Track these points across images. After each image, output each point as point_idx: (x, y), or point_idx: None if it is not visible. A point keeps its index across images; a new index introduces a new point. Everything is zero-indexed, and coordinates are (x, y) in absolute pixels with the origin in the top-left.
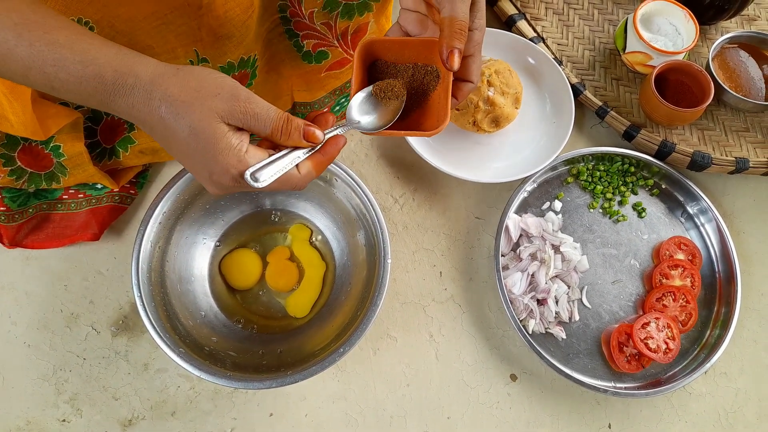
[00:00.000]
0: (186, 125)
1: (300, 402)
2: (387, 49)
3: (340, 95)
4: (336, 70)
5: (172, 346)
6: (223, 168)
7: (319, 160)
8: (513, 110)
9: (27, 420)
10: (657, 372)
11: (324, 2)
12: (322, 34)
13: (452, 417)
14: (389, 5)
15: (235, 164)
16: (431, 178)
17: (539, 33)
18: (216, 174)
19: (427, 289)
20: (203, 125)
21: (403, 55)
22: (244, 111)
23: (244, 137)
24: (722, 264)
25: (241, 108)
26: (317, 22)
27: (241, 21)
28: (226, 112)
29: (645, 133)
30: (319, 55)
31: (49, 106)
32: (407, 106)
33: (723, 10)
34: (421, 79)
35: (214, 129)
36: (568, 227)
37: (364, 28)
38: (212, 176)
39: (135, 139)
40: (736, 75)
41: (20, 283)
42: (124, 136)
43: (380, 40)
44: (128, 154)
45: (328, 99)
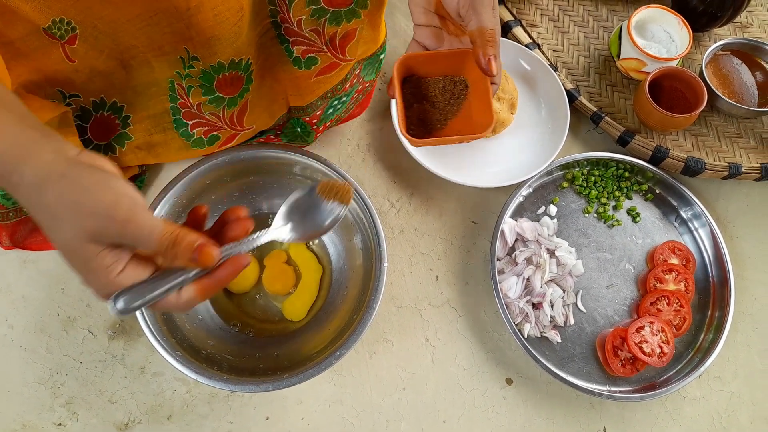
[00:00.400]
0: (61, 239)
1: (296, 406)
2: (420, 63)
3: (332, 97)
4: (326, 74)
5: (169, 350)
6: (98, 285)
7: (207, 285)
8: (509, 115)
9: (23, 423)
10: (651, 376)
11: (312, 10)
12: (311, 40)
13: (448, 421)
14: (379, 14)
15: (104, 286)
16: (427, 182)
17: (535, 39)
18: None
19: (423, 293)
20: (74, 245)
21: (433, 68)
22: (122, 233)
23: (122, 256)
24: (716, 268)
25: (117, 229)
26: (305, 29)
27: (231, 24)
28: (101, 233)
29: (639, 138)
30: (308, 61)
31: (33, 100)
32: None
33: (716, 17)
34: (452, 89)
35: (84, 250)
36: (563, 232)
37: (352, 33)
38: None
39: (131, 135)
40: (729, 81)
41: (17, 286)
42: (120, 133)
43: (414, 55)
44: (124, 150)
45: (321, 102)
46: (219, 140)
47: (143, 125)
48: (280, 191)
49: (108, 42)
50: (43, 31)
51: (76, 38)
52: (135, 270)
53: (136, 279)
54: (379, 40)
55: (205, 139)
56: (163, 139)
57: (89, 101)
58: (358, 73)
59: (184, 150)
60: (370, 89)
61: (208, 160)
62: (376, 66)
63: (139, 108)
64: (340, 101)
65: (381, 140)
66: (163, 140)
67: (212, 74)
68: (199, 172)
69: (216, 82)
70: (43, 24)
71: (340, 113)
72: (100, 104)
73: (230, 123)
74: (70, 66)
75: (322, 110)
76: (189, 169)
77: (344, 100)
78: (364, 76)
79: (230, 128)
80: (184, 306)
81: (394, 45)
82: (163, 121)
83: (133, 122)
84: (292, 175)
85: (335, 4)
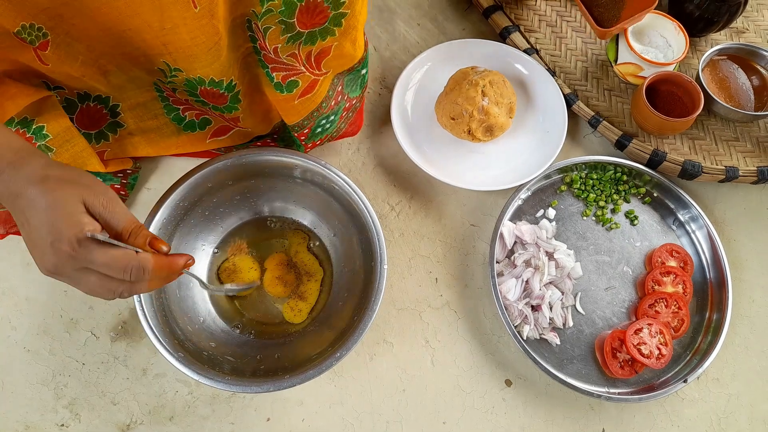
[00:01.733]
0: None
1: (297, 407)
2: None
3: (318, 117)
4: (308, 94)
5: (171, 351)
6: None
7: (162, 258)
8: (507, 120)
9: (26, 425)
10: (650, 377)
11: (287, 38)
12: (289, 65)
13: (448, 422)
14: (355, 32)
15: (77, 232)
16: (427, 186)
17: (533, 44)
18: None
19: (423, 296)
20: (65, 201)
21: None
22: (106, 206)
23: (96, 223)
24: (713, 271)
25: (104, 203)
26: (282, 56)
27: (208, 47)
28: (90, 201)
29: (637, 142)
30: (289, 85)
31: (10, 85)
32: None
33: (712, 22)
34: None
35: (73, 206)
36: (561, 234)
37: (327, 50)
38: (53, 245)
39: (123, 123)
40: (726, 86)
41: (20, 289)
42: (110, 122)
43: None
44: (117, 137)
45: (307, 121)
46: (211, 124)
47: (134, 113)
48: (280, 195)
49: (82, 49)
50: (13, 35)
51: (48, 44)
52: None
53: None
54: (356, 56)
55: (196, 122)
56: (156, 124)
57: (74, 93)
58: (341, 90)
59: (176, 136)
60: (358, 106)
61: (210, 164)
62: (359, 81)
63: (125, 98)
64: (329, 120)
65: (381, 144)
66: (155, 126)
67: (195, 84)
68: (202, 176)
69: (199, 91)
70: (11, 28)
71: (330, 132)
72: (85, 96)
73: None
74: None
75: (309, 129)
76: (191, 173)
77: (332, 119)
78: (349, 93)
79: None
80: (137, 263)
81: (394, 50)
82: (154, 107)
83: (123, 110)
84: (293, 179)
85: (309, 26)
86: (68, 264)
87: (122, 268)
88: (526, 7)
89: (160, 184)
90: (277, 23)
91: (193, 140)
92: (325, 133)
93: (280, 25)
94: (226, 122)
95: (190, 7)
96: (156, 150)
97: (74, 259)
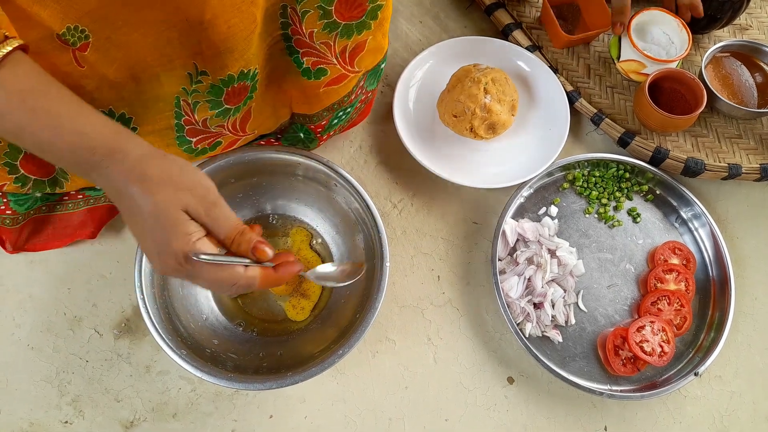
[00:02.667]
0: (151, 203)
1: (299, 404)
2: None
3: (338, 109)
4: (335, 85)
5: (175, 348)
6: (173, 250)
7: (269, 273)
8: (509, 117)
9: (30, 422)
10: (652, 375)
11: (324, 24)
12: (322, 52)
13: (450, 419)
14: (387, 23)
15: (183, 248)
16: (429, 183)
17: (535, 42)
18: (165, 254)
19: (425, 293)
20: (168, 209)
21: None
22: (208, 212)
23: (201, 230)
24: (716, 268)
25: (206, 208)
26: (317, 42)
27: (244, 36)
28: (192, 207)
29: (639, 139)
30: (318, 72)
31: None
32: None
33: (715, 19)
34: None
35: (176, 215)
36: (564, 232)
37: (362, 45)
38: (160, 255)
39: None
40: (729, 83)
41: (24, 287)
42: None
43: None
44: None
45: (326, 113)
46: (221, 145)
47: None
48: (283, 192)
49: (119, 54)
50: (56, 37)
51: (88, 46)
52: (208, 243)
53: (208, 248)
54: (384, 47)
55: (208, 148)
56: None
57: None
58: (363, 85)
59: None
60: (371, 98)
61: (213, 162)
62: (378, 75)
63: (145, 121)
64: (345, 112)
65: (383, 142)
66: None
67: (221, 87)
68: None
69: (225, 95)
70: (58, 30)
71: (343, 123)
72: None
73: (233, 129)
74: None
75: (327, 120)
76: None
77: (348, 111)
78: (367, 87)
79: (233, 134)
80: (245, 281)
81: (396, 47)
82: (167, 137)
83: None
84: (296, 177)
85: (347, 18)
86: (176, 273)
87: (229, 285)
88: (528, 4)
89: None
90: (316, 8)
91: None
92: (339, 124)
93: (318, 10)
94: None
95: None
96: None
97: (182, 271)
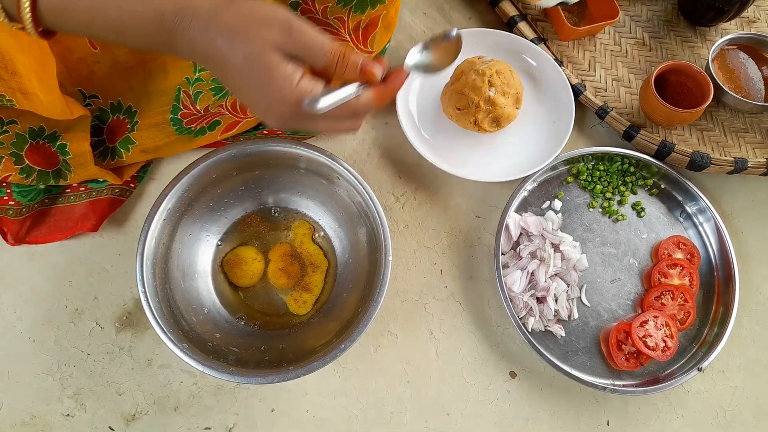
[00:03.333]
0: (241, 55)
1: (301, 398)
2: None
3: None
4: None
5: (176, 342)
6: (279, 96)
7: (381, 90)
8: (514, 110)
9: (32, 414)
10: (655, 370)
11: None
12: (335, 28)
13: (452, 413)
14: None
15: (290, 91)
16: (432, 177)
17: (540, 34)
18: (273, 103)
19: (427, 287)
20: (257, 55)
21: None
22: (297, 43)
23: (298, 66)
24: (720, 263)
25: (294, 40)
26: (330, 17)
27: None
28: (280, 42)
29: (645, 133)
30: None
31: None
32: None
33: (723, 12)
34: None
35: (268, 59)
36: (567, 226)
37: (375, 21)
38: (270, 106)
39: (135, 140)
40: (736, 76)
41: (25, 279)
42: (125, 137)
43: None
44: (130, 154)
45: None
46: (220, 125)
47: (148, 132)
48: (285, 185)
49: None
50: None
51: None
52: (310, 81)
53: (312, 88)
54: (395, 23)
55: (206, 127)
56: (168, 141)
57: (107, 103)
58: None
59: (188, 142)
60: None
61: (215, 154)
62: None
63: (146, 115)
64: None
65: (386, 135)
66: (167, 142)
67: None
68: (206, 166)
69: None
70: None
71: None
72: (117, 107)
73: (232, 110)
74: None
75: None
76: (195, 163)
77: None
78: None
79: (232, 114)
80: (364, 108)
81: (400, 39)
82: (165, 129)
83: (139, 129)
84: (298, 169)
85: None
86: (293, 122)
87: (349, 116)
88: None
89: (165, 175)
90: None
91: (204, 141)
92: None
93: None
94: (235, 116)
95: None
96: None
97: (297, 118)
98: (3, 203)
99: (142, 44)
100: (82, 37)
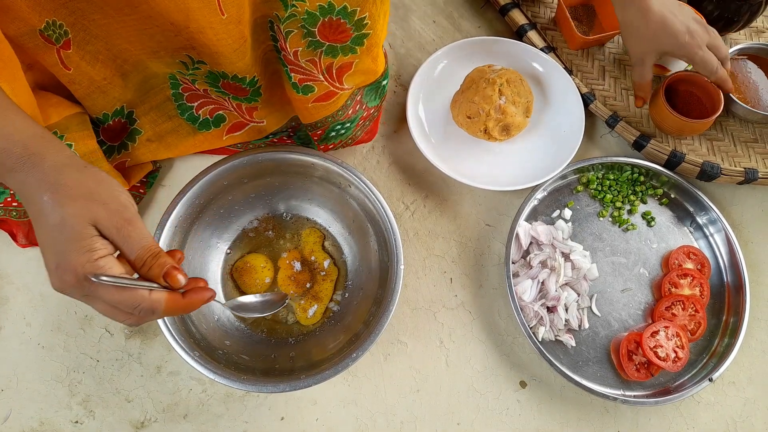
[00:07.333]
0: (59, 214)
1: (311, 406)
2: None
3: (333, 122)
4: (323, 102)
5: (187, 349)
6: (74, 263)
7: (176, 298)
8: (524, 119)
9: (40, 421)
10: (666, 380)
11: (309, 42)
12: (307, 70)
13: (462, 423)
14: (376, 49)
15: (86, 262)
16: (442, 185)
17: (549, 42)
18: (64, 266)
19: (437, 296)
20: (73, 222)
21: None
22: (120, 228)
23: (108, 248)
24: (731, 273)
25: (119, 225)
26: (302, 60)
27: (233, 49)
28: (103, 222)
29: (655, 143)
30: (305, 89)
31: (50, 97)
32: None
33: (732, 22)
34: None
35: (82, 227)
36: (577, 235)
37: (348, 65)
38: (59, 266)
39: (141, 129)
40: (745, 86)
41: (35, 285)
42: (130, 130)
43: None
44: (136, 145)
45: (321, 124)
46: (225, 121)
47: (149, 117)
48: (296, 192)
49: (101, 47)
50: (38, 33)
51: (70, 43)
52: (113, 261)
53: (111, 268)
54: (378, 71)
55: (211, 120)
56: (171, 126)
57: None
58: (360, 99)
59: (192, 136)
60: (376, 115)
61: (227, 162)
62: (379, 92)
63: (140, 102)
64: (344, 126)
65: (396, 143)
66: (171, 128)
67: (218, 77)
68: (218, 174)
69: (221, 83)
70: (38, 25)
71: (345, 138)
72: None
73: (237, 110)
74: (67, 76)
75: (323, 131)
76: (207, 170)
77: (348, 126)
78: (367, 102)
79: (237, 113)
80: (148, 305)
81: (409, 47)
82: (167, 109)
83: (138, 116)
84: (309, 177)
85: (331, 40)
86: (73, 291)
87: (130, 307)
88: (542, 4)
89: (176, 181)
90: (299, 28)
91: (210, 138)
92: (339, 138)
93: (302, 29)
94: (242, 117)
95: (218, 14)
96: (174, 153)
97: (80, 289)
98: (6, 204)
99: None
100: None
